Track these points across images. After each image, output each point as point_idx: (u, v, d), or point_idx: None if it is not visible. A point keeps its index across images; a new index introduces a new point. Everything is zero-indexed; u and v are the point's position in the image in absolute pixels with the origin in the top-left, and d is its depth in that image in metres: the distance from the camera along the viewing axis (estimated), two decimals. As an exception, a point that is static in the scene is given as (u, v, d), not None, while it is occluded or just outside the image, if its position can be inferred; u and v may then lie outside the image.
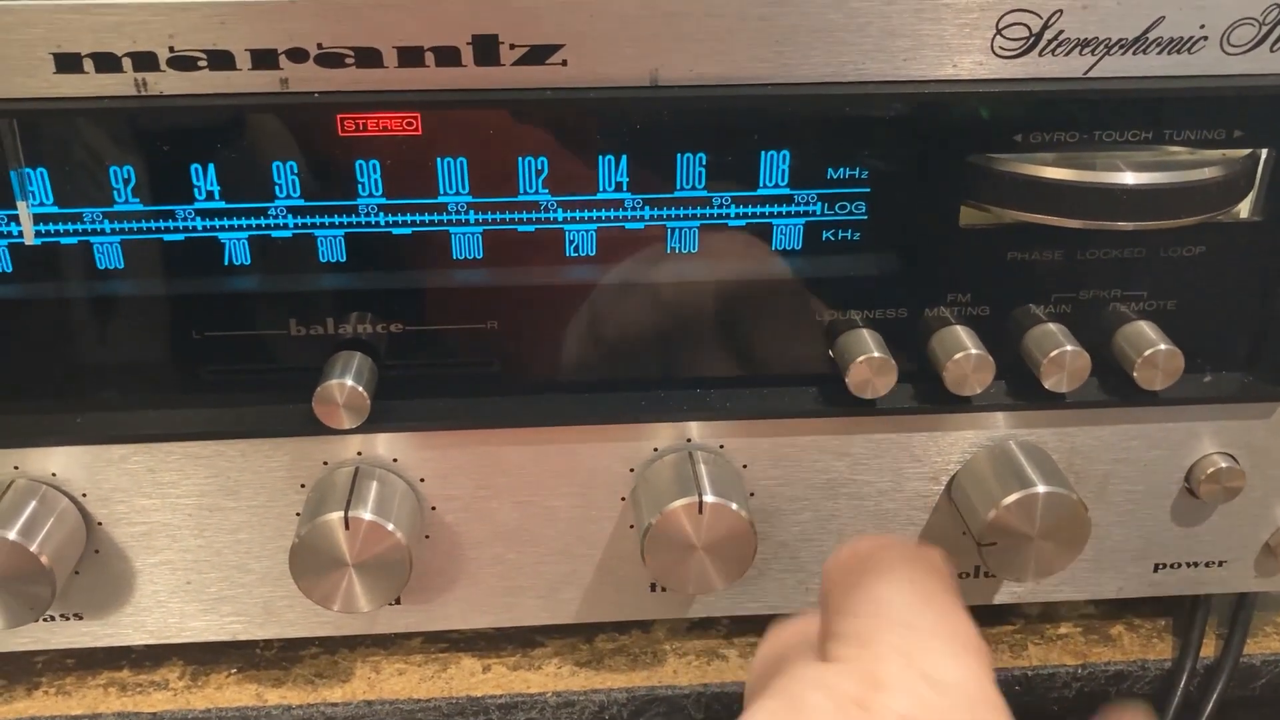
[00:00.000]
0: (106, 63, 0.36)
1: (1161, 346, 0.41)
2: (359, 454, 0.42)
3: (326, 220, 0.40)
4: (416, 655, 0.47)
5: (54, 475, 0.42)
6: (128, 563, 0.44)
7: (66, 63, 0.36)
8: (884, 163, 0.40)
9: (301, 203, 0.39)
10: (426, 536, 0.44)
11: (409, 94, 0.37)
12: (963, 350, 0.41)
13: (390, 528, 0.40)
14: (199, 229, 0.40)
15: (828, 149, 0.40)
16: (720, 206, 0.41)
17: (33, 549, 0.40)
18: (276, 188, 0.39)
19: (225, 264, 0.40)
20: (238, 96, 0.36)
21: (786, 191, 0.40)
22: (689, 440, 0.43)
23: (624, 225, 0.41)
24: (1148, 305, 0.43)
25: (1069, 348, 0.41)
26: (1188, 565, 0.47)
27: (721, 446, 0.43)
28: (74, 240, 0.39)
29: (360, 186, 0.39)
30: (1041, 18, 0.37)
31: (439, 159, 0.39)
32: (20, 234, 0.39)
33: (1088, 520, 0.42)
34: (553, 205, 0.40)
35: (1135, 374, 0.41)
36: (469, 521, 0.44)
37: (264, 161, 0.39)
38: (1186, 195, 0.40)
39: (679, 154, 0.40)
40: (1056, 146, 0.40)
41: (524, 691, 0.45)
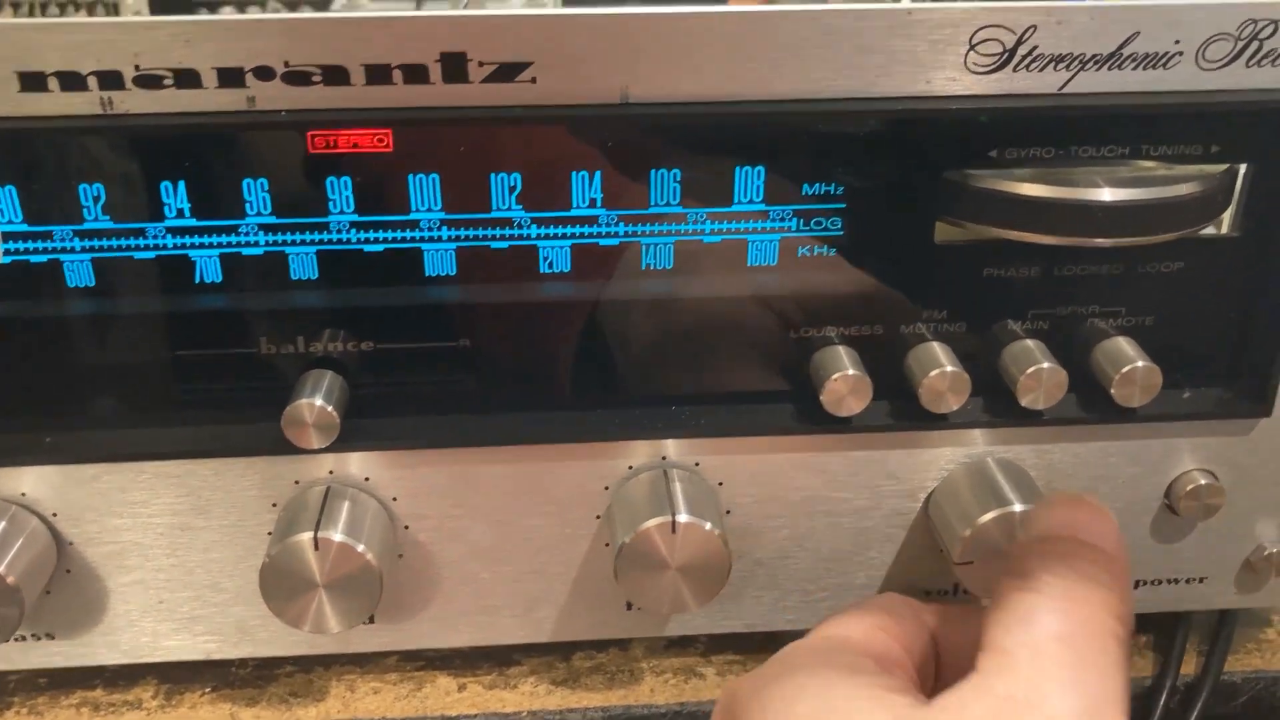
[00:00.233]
0: (72, 81, 0.35)
1: (1139, 364, 0.41)
2: (331, 473, 0.42)
3: (298, 237, 0.39)
4: (392, 674, 0.47)
5: (23, 495, 0.41)
6: (100, 582, 0.43)
7: (31, 81, 0.35)
8: (859, 179, 0.40)
9: (273, 220, 0.39)
10: (400, 556, 0.43)
11: (377, 111, 0.37)
12: (938, 367, 0.41)
13: (360, 548, 0.40)
14: (170, 247, 0.39)
15: (802, 165, 0.39)
16: (695, 223, 0.40)
17: (0, 570, 0.39)
18: (247, 205, 0.39)
19: (196, 282, 0.40)
20: (204, 115, 0.36)
21: (761, 208, 0.40)
22: (665, 458, 0.43)
23: (598, 242, 0.40)
24: (1126, 321, 0.42)
25: (1045, 365, 0.41)
26: (1168, 582, 0.46)
27: (697, 464, 0.43)
28: (44, 259, 0.39)
29: (332, 203, 0.39)
30: (1015, 33, 0.37)
31: (411, 175, 0.39)
32: (-11, 252, 0.39)
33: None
34: (526, 221, 0.40)
35: (1113, 391, 0.41)
36: (443, 540, 0.43)
37: (234, 179, 0.38)
38: (1164, 211, 0.39)
39: (653, 170, 0.39)
40: (1032, 162, 0.39)
41: (499, 710, 0.45)
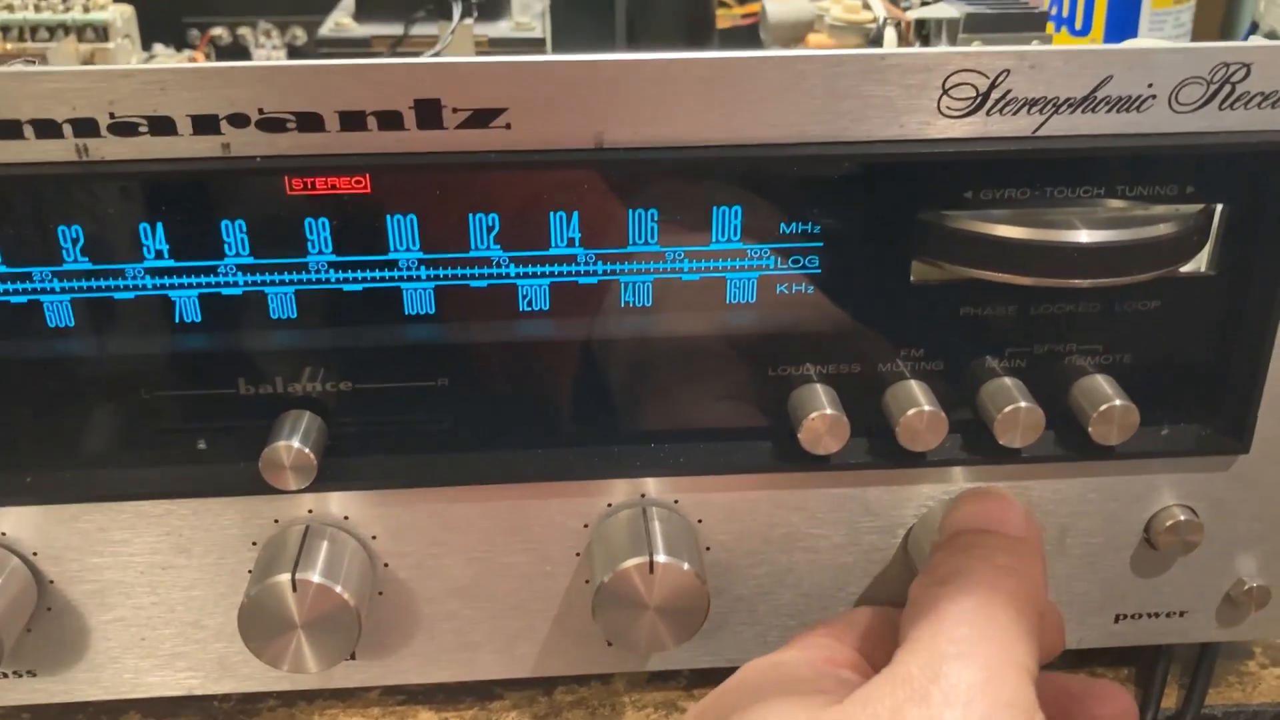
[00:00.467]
0: (47, 129, 0.36)
1: (1117, 402, 0.41)
2: (310, 511, 0.42)
3: (276, 278, 0.40)
4: (374, 708, 0.47)
5: (4, 534, 0.42)
6: (81, 620, 0.43)
7: (6, 129, 0.35)
8: (835, 219, 0.40)
9: (251, 260, 0.39)
10: (380, 593, 0.44)
11: (351, 157, 0.37)
12: (916, 406, 0.41)
13: (338, 589, 0.40)
14: (149, 287, 0.39)
15: (778, 206, 0.40)
16: (673, 261, 0.40)
17: (-20, 611, 0.39)
18: (226, 246, 0.39)
19: (175, 322, 0.40)
20: (180, 161, 0.36)
21: (739, 246, 0.40)
22: (644, 495, 0.43)
23: (577, 280, 0.41)
24: (1104, 359, 0.42)
25: (1023, 404, 0.41)
26: (1149, 616, 0.47)
27: (676, 501, 0.43)
28: (23, 300, 0.39)
29: (310, 243, 0.39)
30: (988, 78, 0.37)
31: (389, 216, 0.39)
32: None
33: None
34: (505, 261, 0.40)
35: (1091, 429, 0.41)
36: (423, 578, 0.44)
37: (212, 220, 0.38)
38: (1141, 251, 0.39)
39: (630, 210, 0.39)
40: (1008, 204, 0.39)
41: (481, 745, 0.45)
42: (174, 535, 0.42)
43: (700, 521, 0.43)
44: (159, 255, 0.39)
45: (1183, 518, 0.44)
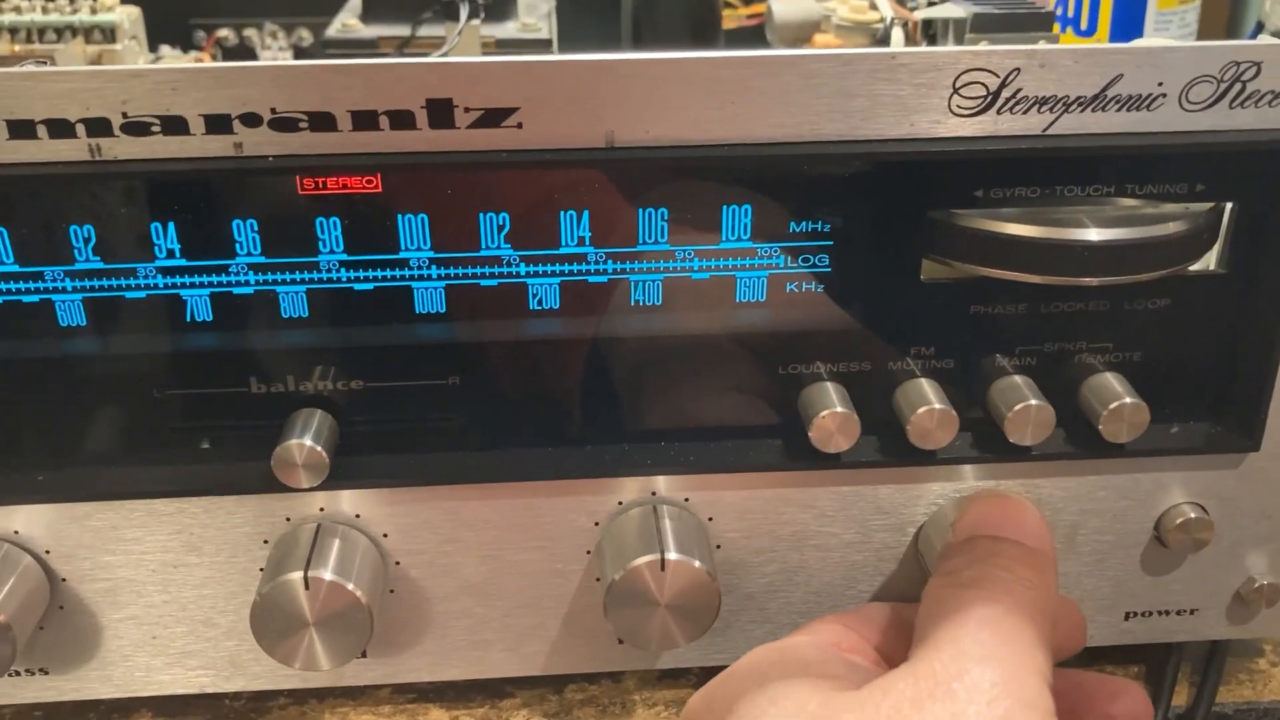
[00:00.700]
0: (60, 129, 0.36)
1: (1127, 400, 0.41)
2: (322, 510, 0.42)
3: (288, 276, 0.40)
4: (385, 706, 0.47)
5: (16, 533, 0.42)
6: (93, 618, 0.44)
7: (20, 129, 0.36)
8: (845, 218, 0.40)
9: (263, 259, 0.39)
10: (391, 591, 0.44)
11: (363, 156, 0.37)
12: (926, 405, 0.41)
13: (350, 587, 0.40)
14: (160, 286, 0.39)
15: (788, 205, 0.40)
16: (683, 260, 0.41)
17: (-7, 609, 0.40)
18: (237, 245, 0.39)
19: (187, 321, 0.40)
20: (192, 161, 0.36)
21: (749, 245, 0.40)
22: (654, 494, 0.43)
23: (587, 279, 0.41)
24: (1114, 357, 0.42)
25: (1034, 402, 0.41)
26: (1159, 614, 0.47)
27: (687, 499, 0.43)
28: (35, 299, 0.39)
29: (321, 243, 0.39)
30: (999, 76, 0.37)
31: (400, 215, 0.39)
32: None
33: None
34: (515, 260, 0.40)
35: (1101, 427, 0.41)
36: (434, 576, 0.44)
37: (224, 220, 0.39)
38: (1151, 250, 0.39)
39: (640, 209, 0.39)
40: (1018, 202, 0.39)
41: (492, 744, 0.45)
42: (185, 533, 0.42)
43: (711, 519, 0.43)
44: (170, 254, 0.39)
45: (1193, 515, 0.44)
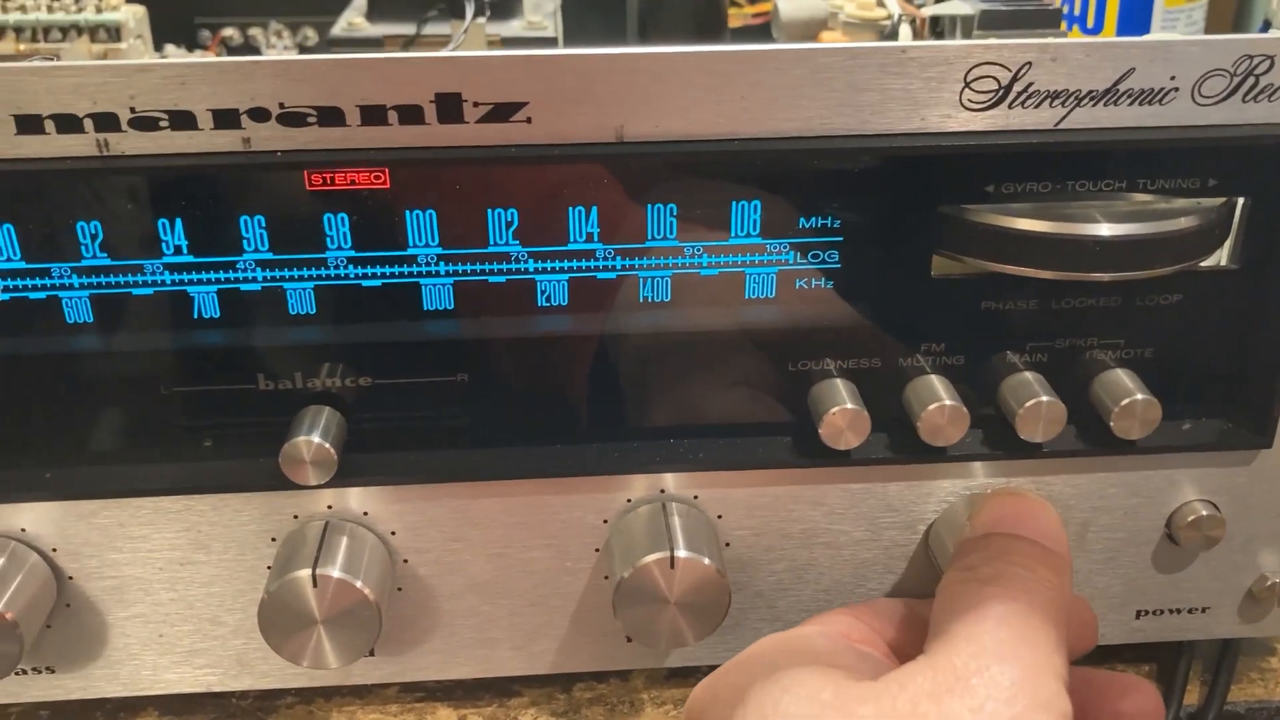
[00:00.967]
0: (68, 124, 0.36)
1: (1139, 396, 0.41)
2: (330, 507, 0.42)
3: (295, 273, 0.40)
4: (393, 705, 0.47)
5: (23, 531, 0.42)
6: (99, 616, 0.43)
7: (27, 124, 0.35)
8: (855, 213, 0.40)
9: (270, 256, 0.39)
10: (399, 589, 0.43)
11: (372, 151, 0.37)
12: (937, 401, 0.40)
13: (359, 584, 0.40)
14: (168, 283, 0.39)
15: (798, 200, 0.39)
16: (692, 256, 0.40)
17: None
18: (245, 241, 0.39)
19: (194, 318, 0.40)
20: (200, 156, 0.36)
21: (758, 241, 0.40)
22: (663, 491, 0.43)
23: (595, 275, 0.40)
24: (1125, 353, 0.42)
25: (1044, 398, 0.40)
26: (1170, 612, 0.46)
27: (696, 497, 0.43)
28: (42, 295, 0.39)
29: (329, 239, 0.39)
30: (1010, 70, 0.37)
31: (407, 211, 0.39)
32: (-12, 291, 0.39)
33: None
34: (523, 256, 0.40)
35: (1112, 424, 0.41)
36: (442, 574, 0.43)
37: (231, 216, 0.38)
38: (1162, 245, 0.39)
39: (649, 205, 0.39)
40: (1029, 197, 0.39)
41: (500, 743, 0.45)
42: (193, 531, 0.42)
43: (720, 517, 0.43)
44: (178, 251, 0.39)
45: (1205, 513, 0.43)
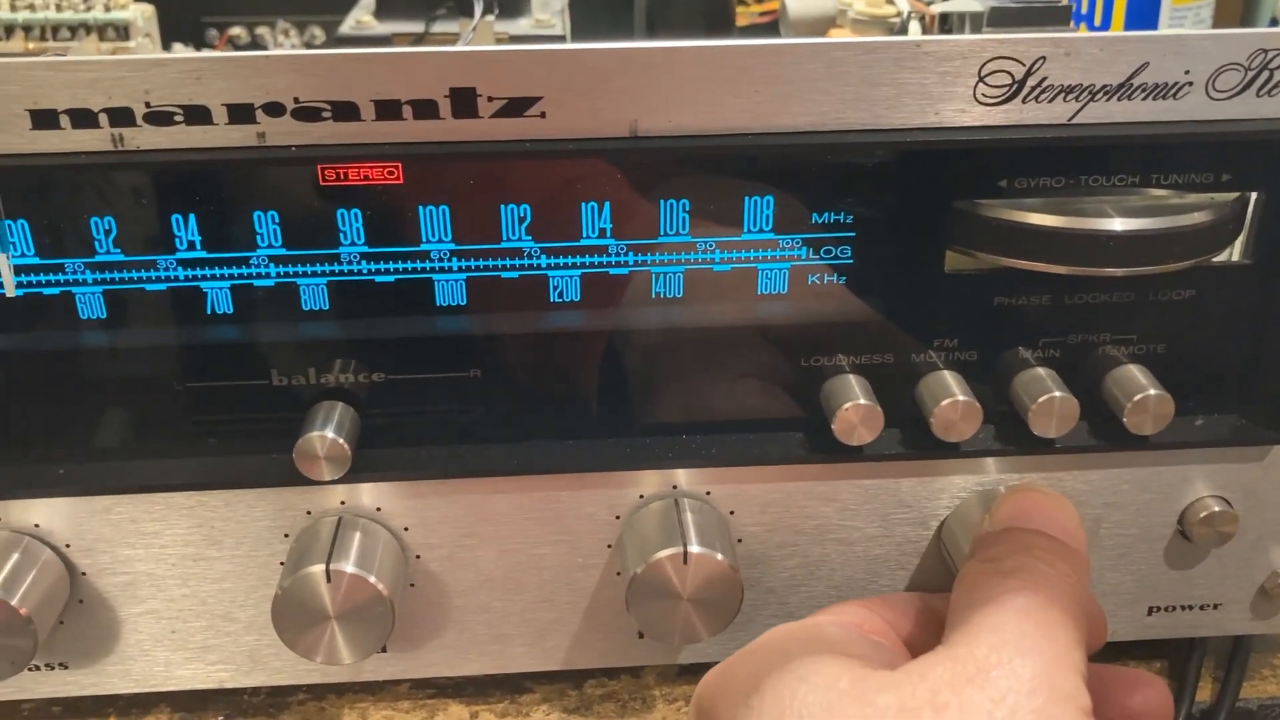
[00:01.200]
0: (83, 119, 0.36)
1: (1151, 392, 0.41)
2: (343, 503, 0.42)
3: (309, 269, 0.40)
4: (404, 701, 0.47)
5: (36, 526, 0.42)
6: (112, 612, 0.43)
7: (43, 119, 0.36)
8: (868, 209, 0.40)
9: (283, 251, 0.39)
10: (411, 585, 0.43)
11: (387, 146, 0.37)
12: (950, 396, 0.40)
13: (372, 580, 0.40)
14: (181, 278, 0.39)
15: (811, 195, 0.39)
16: (704, 251, 0.40)
17: (14, 602, 0.39)
18: (258, 237, 0.39)
19: (208, 313, 0.40)
20: (215, 151, 0.36)
21: (771, 236, 0.40)
22: (675, 487, 0.43)
23: (608, 271, 0.40)
24: (1138, 349, 0.42)
25: (1057, 394, 0.40)
26: (1182, 608, 0.46)
27: (708, 493, 0.43)
28: (55, 291, 0.39)
29: (342, 235, 0.39)
30: (1024, 65, 0.37)
31: (421, 207, 0.39)
32: (1, 286, 0.39)
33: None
34: (536, 252, 0.40)
35: (1125, 419, 0.41)
36: (454, 570, 0.43)
37: (245, 211, 0.38)
38: (1175, 240, 0.39)
39: (662, 201, 0.39)
40: (1042, 192, 0.39)
41: (512, 739, 0.45)
42: (205, 527, 0.42)
43: (732, 513, 0.43)
44: (191, 246, 0.39)
45: (1217, 509, 0.43)
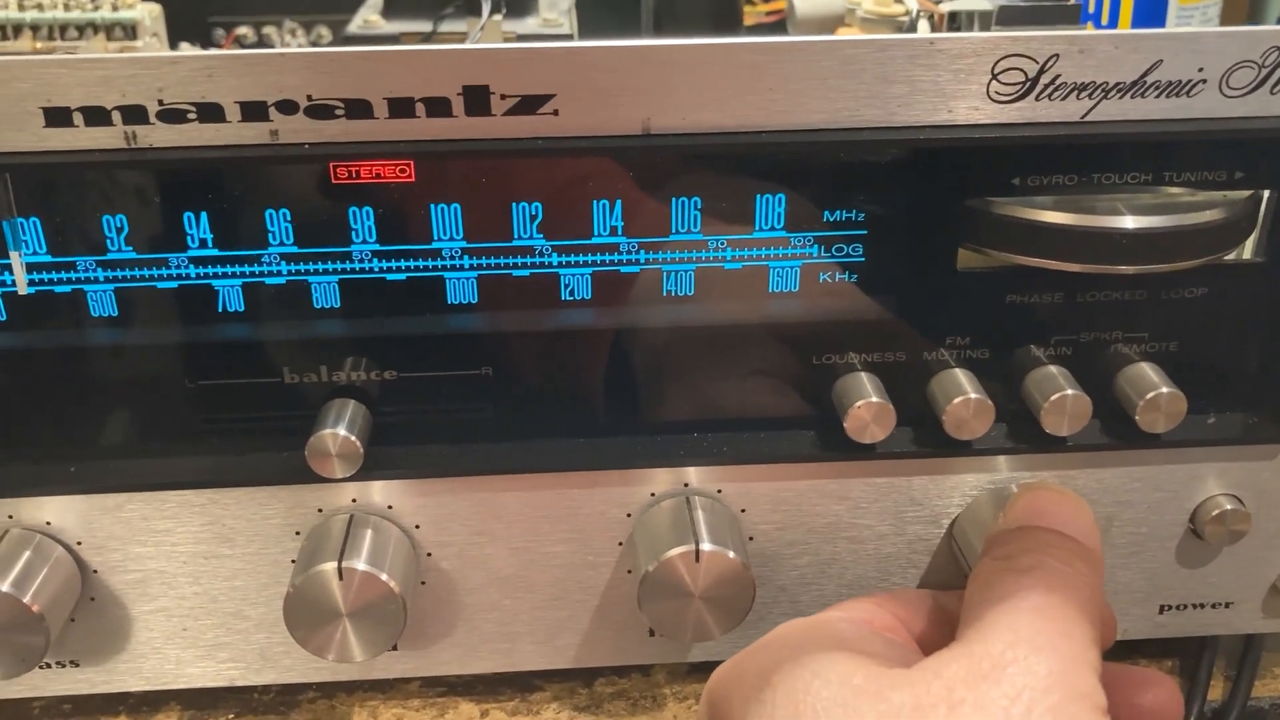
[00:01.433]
0: (96, 116, 0.36)
1: (1164, 390, 0.41)
2: (354, 501, 0.42)
3: (320, 267, 0.40)
4: (414, 700, 0.47)
5: (48, 524, 0.42)
6: (123, 610, 0.43)
7: (56, 117, 0.35)
8: (881, 206, 0.40)
9: (295, 249, 0.39)
10: (422, 583, 0.43)
11: (400, 144, 0.37)
12: (962, 394, 0.40)
13: (384, 577, 0.40)
14: (192, 276, 0.39)
15: (823, 193, 0.39)
16: (716, 250, 0.40)
17: (25, 599, 0.39)
18: (270, 235, 0.39)
19: (219, 311, 0.40)
20: (228, 149, 0.36)
21: (782, 234, 0.40)
22: (687, 485, 0.43)
23: (619, 269, 0.40)
24: (1150, 347, 0.42)
25: (1070, 391, 0.40)
26: (1193, 607, 0.46)
27: (719, 491, 0.43)
28: (67, 289, 0.39)
29: (354, 233, 0.39)
30: (1038, 63, 0.37)
31: (432, 205, 0.39)
32: (13, 284, 0.39)
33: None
34: (547, 250, 0.40)
35: (1137, 417, 0.41)
36: (465, 568, 0.43)
37: (257, 209, 0.38)
38: (1188, 238, 0.39)
39: (674, 198, 0.39)
40: (1055, 190, 0.39)
41: (522, 737, 0.45)
42: (217, 524, 0.42)
43: (744, 511, 0.43)
44: (203, 244, 0.39)
45: (1229, 507, 0.43)
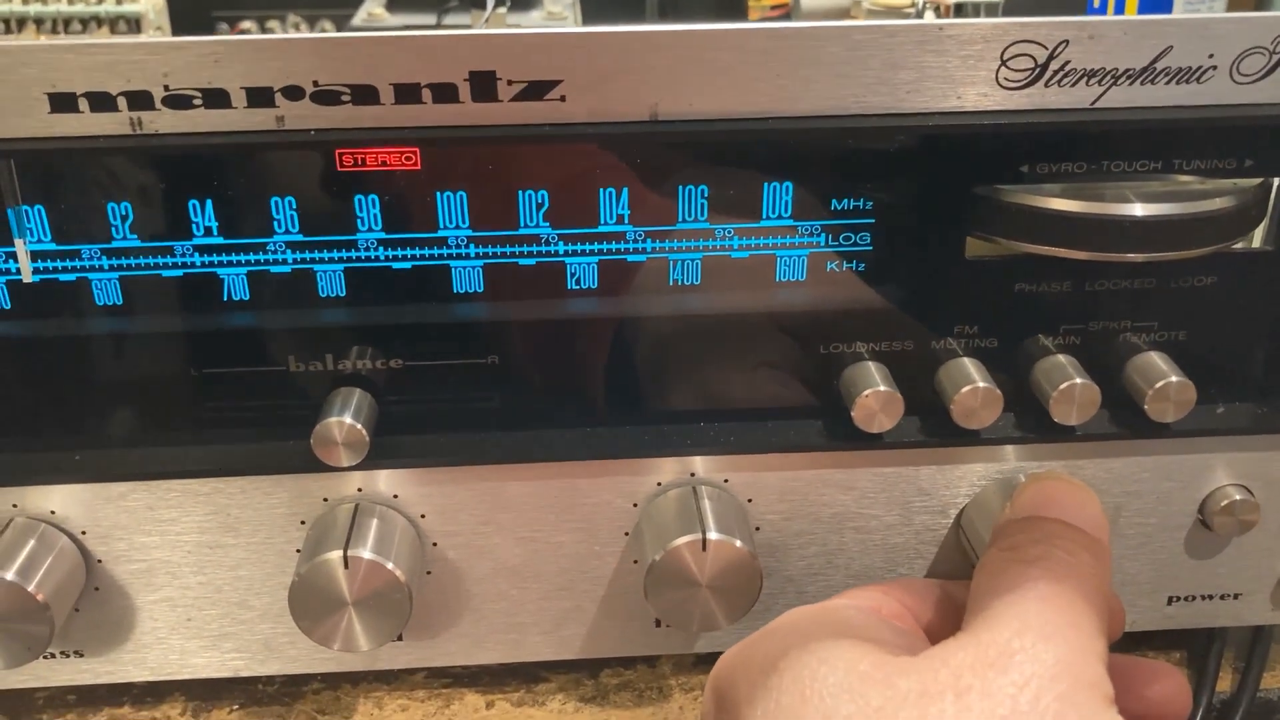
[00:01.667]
0: (101, 102, 0.35)
1: (1173, 379, 0.40)
2: (359, 490, 0.42)
3: (325, 255, 0.39)
4: (419, 691, 0.47)
5: (53, 513, 0.42)
6: (128, 600, 0.43)
7: (61, 102, 0.35)
8: (888, 194, 0.39)
9: (300, 238, 0.39)
10: (428, 573, 0.43)
11: (406, 130, 0.37)
12: (970, 383, 0.40)
13: (390, 566, 0.39)
14: (197, 265, 0.39)
15: (831, 181, 0.39)
16: (723, 238, 0.40)
17: (30, 588, 0.39)
18: (275, 223, 0.39)
19: (224, 299, 0.40)
20: (234, 135, 0.36)
21: (790, 223, 0.40)
22: (693, 475, 0.43)
23: (626, 258, 0.40)
24: (1159, 336, 0.42)
25: (1078, 380, 0.40)
26: (1202, 598, 0.46)
27: (726, 481, 0.43)
28: (72, 277, 0.39)
29: (359, 221, 0.39)
30: (1047, 49, 0.36)
31: (438, 193, 0.39)
32: (18, 271, 0.39)
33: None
34: (553, 239, 0.40)
35: (1146, 407, 0.41)
36: (471, 557, 0.43)
37: (262, 197, 0.38)
38: (1197, 226, 0.39)
39: (680, 187, 0.39)
40: (1064, 178, 0.39)
41: (528, 728, 0.45)
42: (222, 514, 0.42)
43: (750, 501, 0.43)
44: (208, 232, 0.39)
45: (1238, 497, 0.43)
